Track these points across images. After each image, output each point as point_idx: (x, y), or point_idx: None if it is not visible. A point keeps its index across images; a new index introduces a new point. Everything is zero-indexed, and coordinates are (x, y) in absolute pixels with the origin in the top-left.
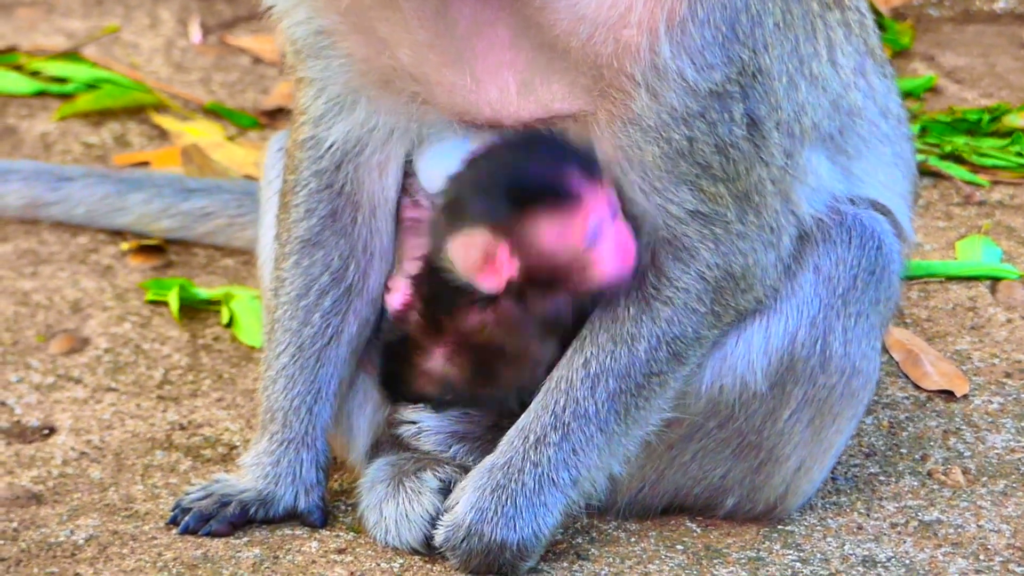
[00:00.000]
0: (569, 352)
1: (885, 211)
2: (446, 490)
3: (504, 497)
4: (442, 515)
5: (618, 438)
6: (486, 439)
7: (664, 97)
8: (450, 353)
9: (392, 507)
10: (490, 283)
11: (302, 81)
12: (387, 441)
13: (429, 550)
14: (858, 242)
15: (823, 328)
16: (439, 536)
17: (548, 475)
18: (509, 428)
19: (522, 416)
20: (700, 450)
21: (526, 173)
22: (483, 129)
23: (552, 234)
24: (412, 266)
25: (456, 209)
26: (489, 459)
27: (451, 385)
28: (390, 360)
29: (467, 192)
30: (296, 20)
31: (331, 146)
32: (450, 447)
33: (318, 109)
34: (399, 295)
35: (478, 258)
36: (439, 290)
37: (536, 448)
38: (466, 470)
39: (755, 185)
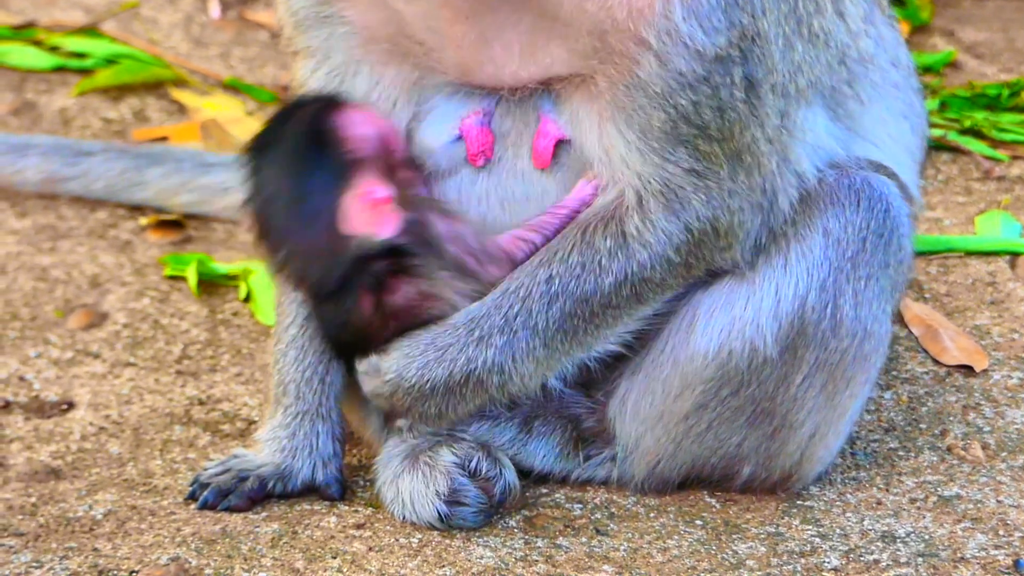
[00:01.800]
0: (535, 262)
1: (890, 174)
2: (462, 466)
3: (426, 377)
4: (457, 490)
5: (559, 356)
6: (504, 415)
7: (672, 63)
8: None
9: (408, 482)
10: (390, 226)
11: (301, 53)
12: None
13: (444, 525)
14: (866, 204)
15: (833, 291)
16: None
17: (478, 373)
18: (535, 408)
19: (475, 305)
20: (716, 419)
21: (294, 134)
22: (483, 91)
23: (357, 121)
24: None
25: (311, 213)
26: (427, 333)
27: None
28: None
29: (300, 195)
30: None
31: None
32: (469, 424)
33: (319, 81)
34: None
35: (368, 210)
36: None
37: (478, 344)
38: (483, 446)
39: (747, 145)
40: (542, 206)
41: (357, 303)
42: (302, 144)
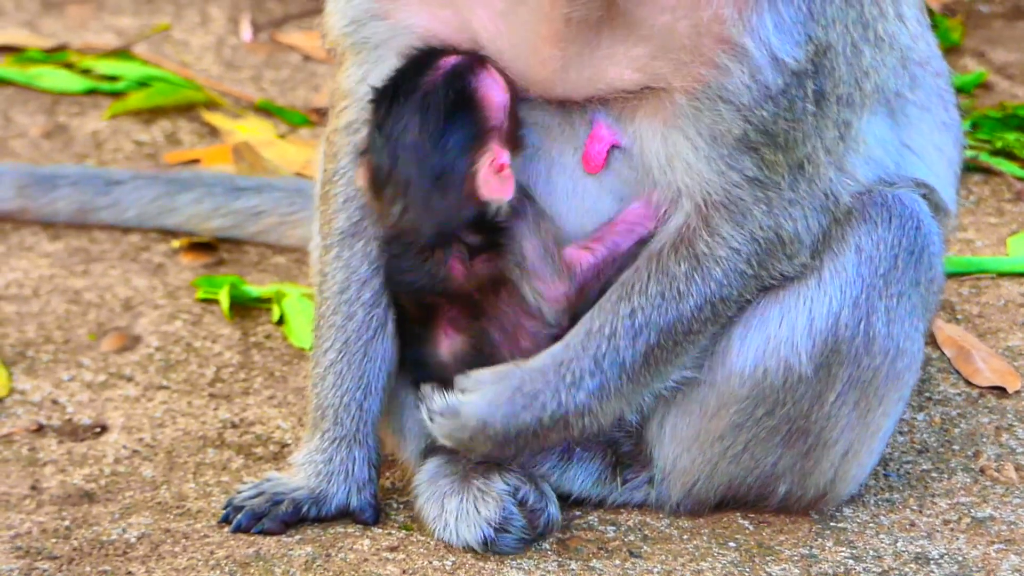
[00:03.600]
0: (613, 298)
1: (928, 188)
2: (513, 495)
3: (513, 425)
4: (507, 519)
5: (642, 389)
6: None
7: (761, 74)
8: (451, 325)
9: (456, 503)
10: (508, 190)
11: (348, 62)
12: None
13: (484, 549)
14: (898, 223)
15: (866, 308)
16: (433, 425)
17: (568, 417)
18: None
19: (558, 347)
20: (752, 439)
21: (435, 88)
22: (547, 104)
23: (492, 87)
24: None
25: (442, 173)
26: (510, 377)
27: (466, 355)
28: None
29: (435, 154)
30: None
31: None
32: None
33: (366, 88)
34: None
35: (495, 176)
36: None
37: (569, 389)
38: (531, 477)
39: (808, 155)
40: (590, 212)
41: (449, 265)
42: (442, 101)
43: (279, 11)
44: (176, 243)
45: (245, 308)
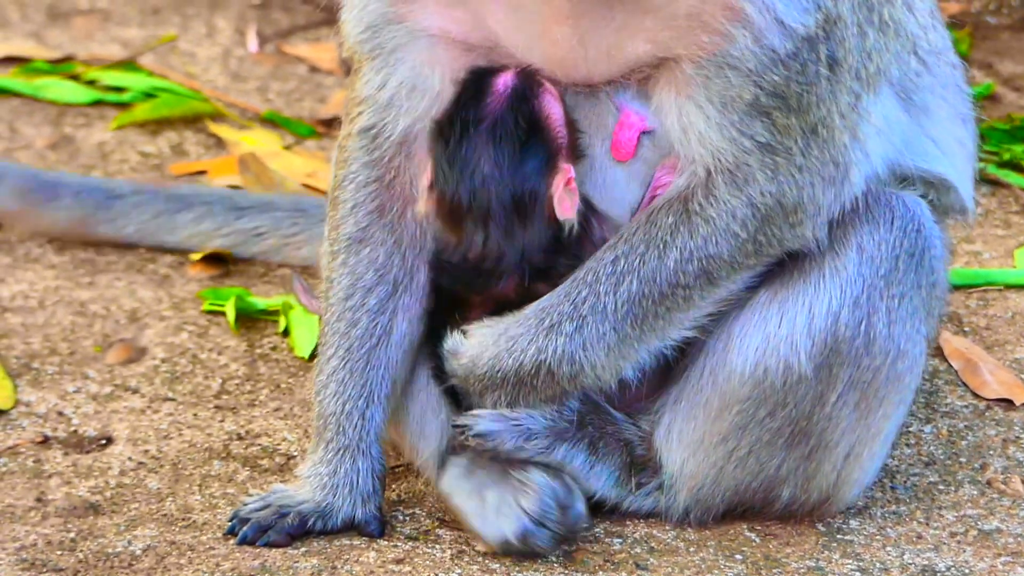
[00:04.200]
0: (604, 247)
1: (947, 184)
2: (553, 494)
3: (497, 367)
4: (544, 513)
5: (631, 342)
6: (575, 435)
7: (766, 39)
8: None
9: (496, 493)
10: (576, 204)
11: (365, 68)
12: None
13: (521, 543)
14: (899, 224)
15: (867, 309)
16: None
17: (548, 364)
18: (590, 423)
19: (546, 296)
20: (755, 441)
21: (503, 112)
22: (574, 96)
23: (550, 103)
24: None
25: (520, 198)
26: (503, 322)
27: None
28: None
29: (512, 181)
30: None
31: (389, 135)
32: (550, 446)
33: (385, 93)
34: None
35: (569, 195)
36: (463, 279)
37: (547, 334)
38: (561, 476)
39: (823, 119)
40: (619, 202)
41: (505, 282)
42: (513, 129)
43: (285, 22)
44: (194, 256)
45: (251, 320)
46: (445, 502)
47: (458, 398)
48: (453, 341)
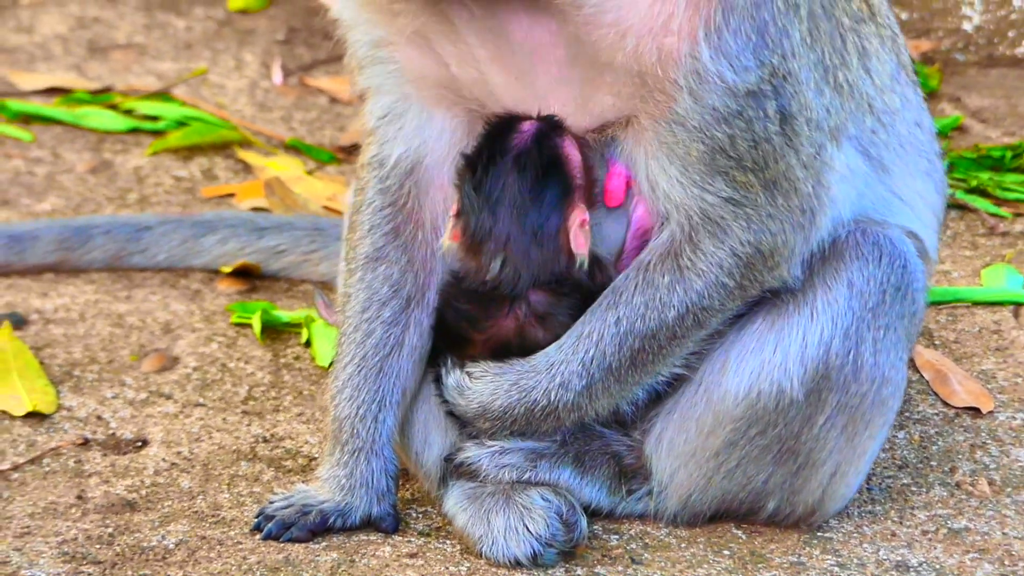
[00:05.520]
0: (604, 304)
1: (913, 235)
2: (555, 512)
3: (508, 413)
4: (553, 534)
5: (630, 386)
6: (559, 453)
7: (706, 99)
8: (485, 347)
9: (503, 520)
10: (588, 243)
11: (367, 102)
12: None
13: (531, 563)
14: (887, 260)
15: (855, 339)
16: (446, 396)
17: (558, 411)
18: (574, 440)
19: (553, 347)
20: (744, 456)
21: (527, 148)
22: None
23: (573, 148)
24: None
25: (540, 233)
26: (511, 372)
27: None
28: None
29: (533, 216)
30: (358, 35)
31: (393, 164)
32: (534, 466)
33: (380, 126)
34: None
35: (583, 233)
36: (474, 302)
37: (558, 389)
38: (560, 493)
39: (783, 173)
40: (607, 240)
41: (506, 316)
42: (536, 161)
43: (308, 57)
44: (226, 269)
45: (276, 332)
46: (451, 523)
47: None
48: (455, 379)
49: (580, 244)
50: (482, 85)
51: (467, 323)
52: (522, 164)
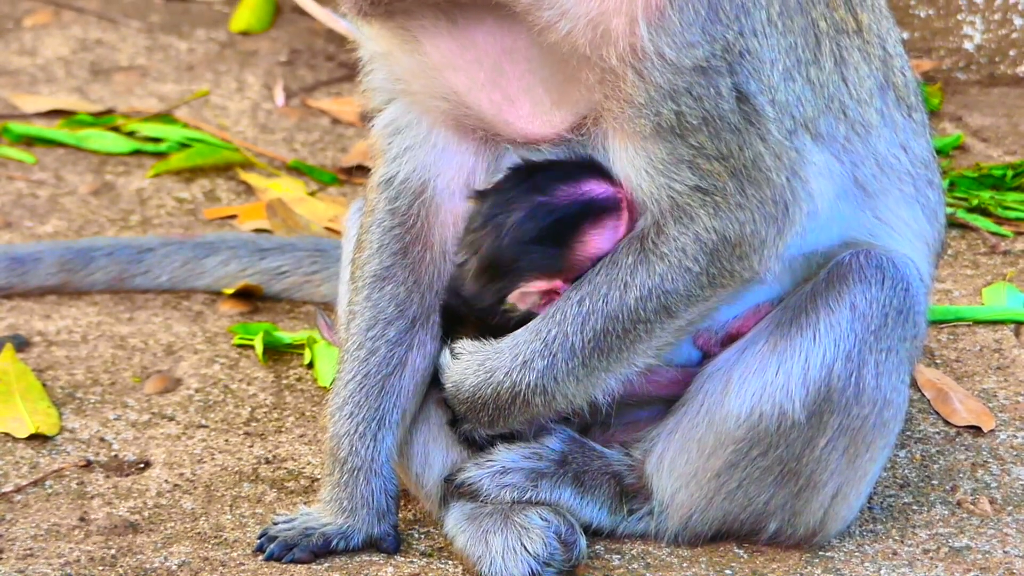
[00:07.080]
0: (572, 288)
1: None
2: (553, 531)
3: (477, 395)
4: (552, 554)
5: (598, 372)
6: (558, 473)
7: (649, 75)
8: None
9: (501, 540)
10: (526, 305)
11: (378, 121)
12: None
13: None
14: (890, 284)
15: (857, 362)
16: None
17: (523, 394)
18: (574, 460)
19: (519, 332)
20: (746, 478)
21: (557, 208)
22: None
23: (602, 239)
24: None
25: (501, 267)
26: (481, 352)
27: None
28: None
29: (508, 251)
30: (374, 64)
31: (403, 184)
32: (535, 486)
33: (392, 148)
34: None
35: (537, 297)
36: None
37: (521, 368)
38: (559, 512)
39: (752, 161)
40: None
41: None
42: (559, 210)
43: (310, 78)
44: (228, 291)
45: (278, 353)
46: (450, 543)
47: (457, 426)
48: (444, 357)
49: (522, 301)
50: (472, 96)
51: (456, 302)
52: (548, 208)
